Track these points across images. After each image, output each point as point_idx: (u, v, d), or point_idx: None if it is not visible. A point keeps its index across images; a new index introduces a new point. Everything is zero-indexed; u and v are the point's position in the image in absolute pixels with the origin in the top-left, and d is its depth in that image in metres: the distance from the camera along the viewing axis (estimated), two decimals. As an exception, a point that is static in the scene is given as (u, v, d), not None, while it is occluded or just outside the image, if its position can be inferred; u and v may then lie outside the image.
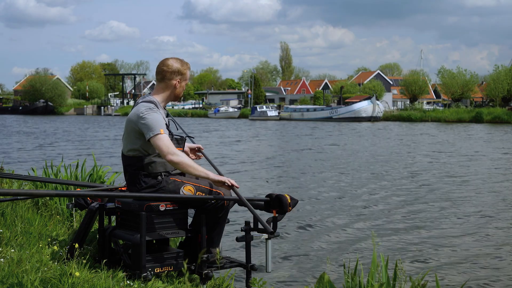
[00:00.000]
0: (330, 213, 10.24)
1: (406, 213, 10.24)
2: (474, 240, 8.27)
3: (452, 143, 28.04)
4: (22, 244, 4.21)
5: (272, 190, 11.74)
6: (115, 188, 4.43)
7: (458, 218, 9.77)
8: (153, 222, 3.80)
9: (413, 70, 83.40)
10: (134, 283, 3.51)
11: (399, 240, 8.28)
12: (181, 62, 4.06)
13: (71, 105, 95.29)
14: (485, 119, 54.59)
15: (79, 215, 5.57)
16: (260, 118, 66.37)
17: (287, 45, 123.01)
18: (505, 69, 67.34)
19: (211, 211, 3.89)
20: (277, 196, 4.01)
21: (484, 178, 14.99)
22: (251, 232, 4.06)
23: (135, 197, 3.81)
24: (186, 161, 3.76)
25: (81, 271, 3.34)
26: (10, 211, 5.17)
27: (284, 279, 6.43)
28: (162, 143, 3.74)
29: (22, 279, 3.10)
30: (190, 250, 4.01)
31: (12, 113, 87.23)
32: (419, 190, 12.88)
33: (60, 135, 34.24)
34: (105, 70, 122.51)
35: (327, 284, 3.53)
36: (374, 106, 59.32)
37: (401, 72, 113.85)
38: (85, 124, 52.18)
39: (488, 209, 10.62)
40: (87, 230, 4.19)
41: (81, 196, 4.06)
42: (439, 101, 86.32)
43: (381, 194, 12.36)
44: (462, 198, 11.87)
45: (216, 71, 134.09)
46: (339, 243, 8.06)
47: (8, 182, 7.02)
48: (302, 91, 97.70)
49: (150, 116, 3.80)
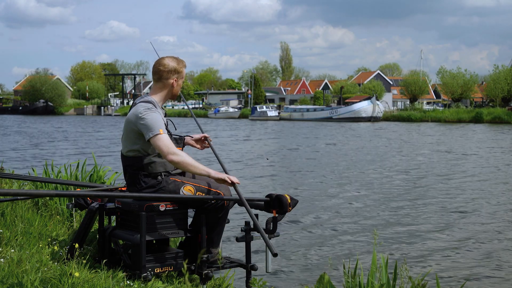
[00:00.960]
0: (330, 213, 10.24)
1: (406, 213, 10.24)
2: (474, 240, 8.26)
3: (451, 143, 28.04)
4: (22, 244, 4.20)
5: (272, 190, 11.75)
6: (115, 188, 4.43)
7: (458, 218, 9.77)
8: (153, 222, 3.80)
9: (413, 70, 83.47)
10: (134, 283, 3.51)
11: (399, 240, 8.28)
12: (177, 61, 4.06)
13: (71, 105, 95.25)
14: (485, 119, 54.60)
15: (79, 215, 5.57)
16: (260, 118, 66.37)
17: (287, 45, 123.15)
18: (505, 69, 67.33)
19: (211, 211, 3.89)
20: (277, 196, 4.01)
21: (484, 178, 14.99)
22: (251, 232, 4.06)
23: (135, 197, 3.81)
24: (187, 160, 3.75)
25: (81, 271, 3.34)
26: (10, 211, 5.16)
27: (284, 279, 6.44)
28: (162, 143, 3.74)
29: (22, 279, 3.10)
30: (190, 250, 4.01)
31: (12, 113, 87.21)
32: (419, 190, 12.88)
33: (60, 135, 34.24)
34: (105, 70, 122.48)
35: (327, 284, 3.53)
36: (374, 106, 59.31)
37: (401, 72, 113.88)
38: (85, 124, 52.17)
39: (488, 209, 10.62)
40: (87, 230, 4.19)
41: (81, 196, 4.06)
42: (439, 101, 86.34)
43: (380, 194, 12.36)
44: (462, 198, 11.87)
45: (216, 71, 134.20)
46: (339, 243, 8.06)
47: (8, 182, 7.02)
48: (302, 91, 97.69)
49: (149, 116, 3.79)
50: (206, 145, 4.46)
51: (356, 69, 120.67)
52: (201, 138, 4.44)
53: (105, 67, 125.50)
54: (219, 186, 3.96)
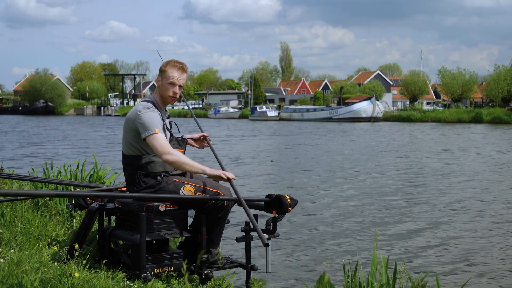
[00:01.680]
0: (330, 213, 10.24)
1: (406, 213, 10.24)
2: (474, 240, 8.26)
3: (451, 143, 28.04)
4: (22, 245, 4.20)
5: (272, 190, 11.75)
6: (115, 189, 4.43)
7: (458, 218, 9.77)
8: (153, 222, 3.80)
9: (413, 70, 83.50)
10: (134, 284, 3.50)
11: (400, 240, 8.28)
12: (168, 62, 4.00)
13: (71, 105, 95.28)
14: (485, 120, 54.61)
15: (79, 215, 5.57)
16: (260, 118, 66.38)
17: (287, 46, 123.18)
18: (505, 69, 67.33)
19: (211, 212, 3.89)
20: (277, 196, 4.00)
21: (484, 178, 14.99)
22: (251, 233, 4.06)
23: (135, 198, 3.81)
24: (182, 159, 3.76)
25: (81, 272, 3.34)
26: (10, 212, 5.17)
27: (284, 280, 6.44)
28: (157, 143, 3.75)
29: (22, 280, 3.10)
30: (190, 251, 4.01)
31: (12, 114, 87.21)
32: (419, 190, 12.88)
33: (59, 136, 34.23)
34: (105, 71, 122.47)
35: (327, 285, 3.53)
36: (374, 107, 59.34)
37: (401, 73, 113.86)
38: (85, 125, 52.17)
39: (488, 209, 10.62)
40: (87, 230, 4.19)
41: (81, 196, 4.06)
42: (439, 102, 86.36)
43: (380, 194, 12.36)
44: (462, 198, 11.87)
45: (216, 71, 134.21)
46: (339, 243, 8.06)
47: (8, 183, 7.02)
48: (302, 92, 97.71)
49: (146, 115, 3.81)
50: (206, 144, 4.46)
51: (356, 69, 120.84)
52: (200, 138, 4.44)
53: (105, 67, 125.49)
54: (219, 186, 3.96)
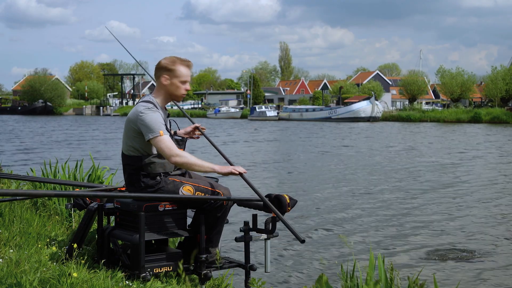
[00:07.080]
0: (329, 213, 10.24)
1: (405, 213, 10.25)
2: (473, 241, 8.27)
3: (451, 143, 28.05)
4: (20, 245, 4.20)
5: (271, 190, 11.74)
6: (114, 188, 4.43)
7: (456, 218, 9.78)
8: (152, 222, 3.80)
9: (412, 70, 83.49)
10: (133, 284, 3.50)
11: (398, 240, 8.28)
12: (172, 59, 3.94)
13: (70, 105, 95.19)
14: (484, 120, 54.63)
15: (78, 215, 5.56)
16: (259, 118, 66.35)
17: (286, 46, 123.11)
18: (503, 69, 67.34)
19: (210, 211, 3.89)
20: (276, 196, 3.99)
21: (483, 178, 14.99)
22: (250, 232, 4.06)
23: (134, 198, 3.81)
24: (190, 160, 3.73)
25: (80, 272, 3.34)
26: (9, 212, 5.16)
27: (283, 280, 6.44)
28: (164, 145, 3.72)
29: (21, 280, 3.10)
30: (189, 250, 4.01)
31: (11, 113, 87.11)
32: (417, 191, 12.88)
33: (58, 135, 34.20)
34: (104, 70, 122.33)
35: (325, 285, 3.53)
36: (373, 107, 59.34)
37: (400, 73, 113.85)
38: (84, 124, 52.13)
39: (487, 208, 10.63)
40: (86, 230, 4.19)
41: (80, 196, 4.06)
42: (438, 102, 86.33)
43: (379, 193, 12.36)
44: (460, 198, 11.87)
45: (215, 71, 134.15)
46: (339, 244, 8.06)
47: (7, 182, 7.02)
48: (301, 91, 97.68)
49: (148, 116, 3.76)
50: (198, 133, 4.40)
51: (355, 69, 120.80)
52: (193, 129, 4.38)
53: (104, 67, 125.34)
54: (218, 186, 3.96)
